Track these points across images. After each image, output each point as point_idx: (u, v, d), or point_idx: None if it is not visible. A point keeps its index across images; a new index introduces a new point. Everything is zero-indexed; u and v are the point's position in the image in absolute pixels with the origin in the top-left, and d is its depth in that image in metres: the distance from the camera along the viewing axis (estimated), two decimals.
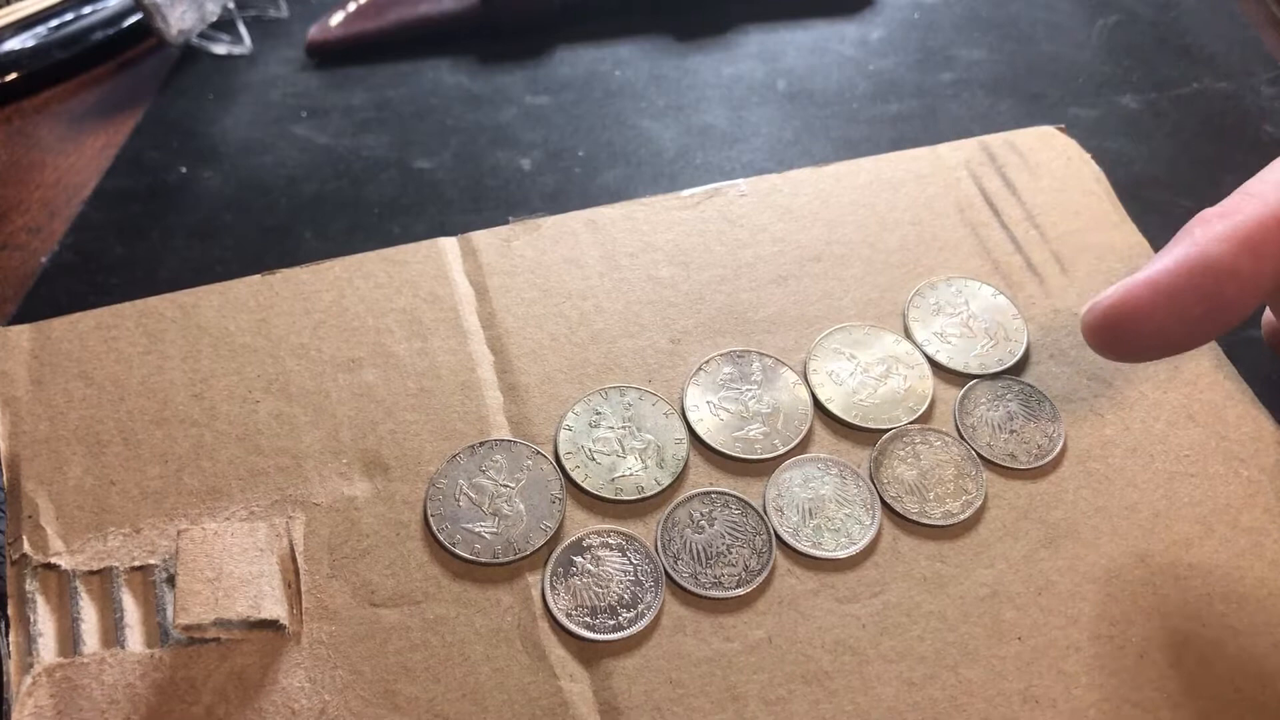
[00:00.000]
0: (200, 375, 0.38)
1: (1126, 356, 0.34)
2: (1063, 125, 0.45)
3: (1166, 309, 0.31)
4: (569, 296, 0.40)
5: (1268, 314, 0.40)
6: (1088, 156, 0.45)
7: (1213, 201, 0.33)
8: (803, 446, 0.37)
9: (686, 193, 0.44)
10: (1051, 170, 0.44)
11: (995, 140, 0.46)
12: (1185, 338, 0.32)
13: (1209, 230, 0.31)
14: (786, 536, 0.35)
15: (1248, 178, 0.34)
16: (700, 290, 0.41)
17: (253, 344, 0.39)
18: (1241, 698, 0.32)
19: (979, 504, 0.36)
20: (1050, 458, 0.37)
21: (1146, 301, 0.32)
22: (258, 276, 0.40)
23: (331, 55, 0.64)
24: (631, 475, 0.36)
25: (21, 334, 0.38)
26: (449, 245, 0.42)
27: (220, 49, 0.65)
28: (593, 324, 0.40)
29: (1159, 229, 0.42)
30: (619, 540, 0.35)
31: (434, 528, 0.35)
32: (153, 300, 0.40)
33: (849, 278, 0.41)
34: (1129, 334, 0.32)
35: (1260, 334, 0.44)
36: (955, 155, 0.45)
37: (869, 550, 0.35)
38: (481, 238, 0.42)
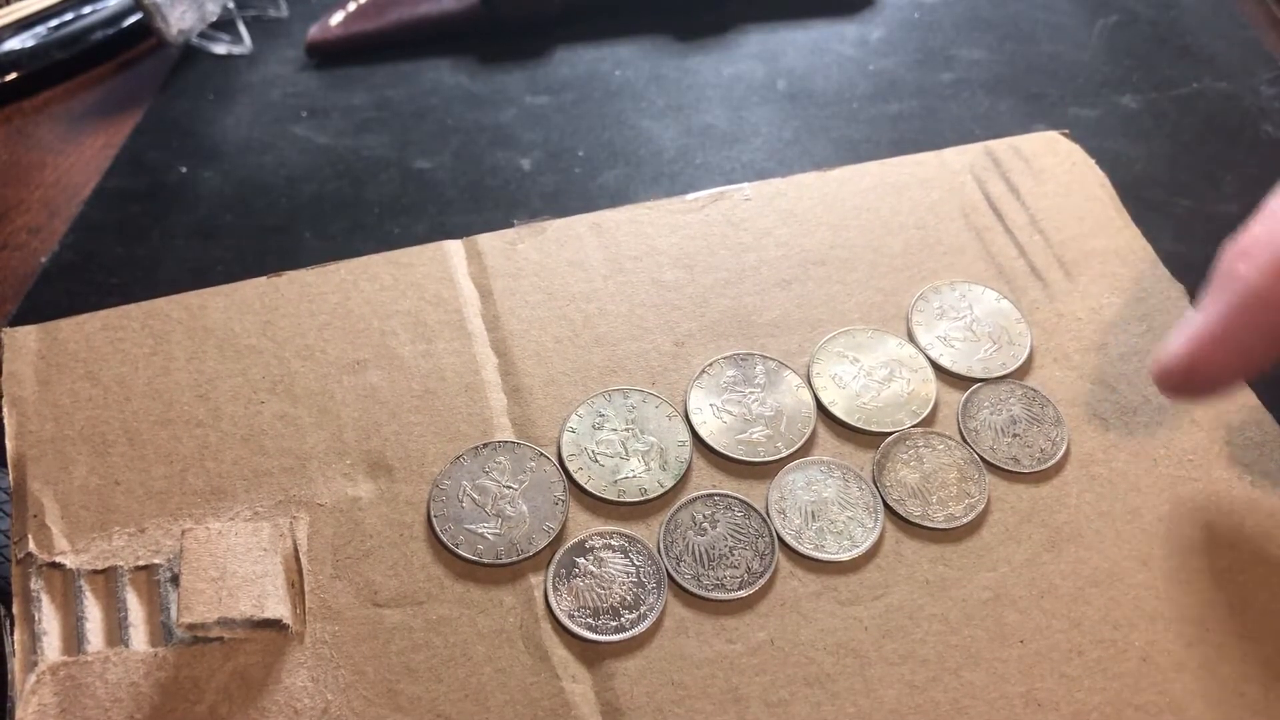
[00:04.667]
0: (206, 376, 0.38)
1: (1203, 399, 0.37)
2: (1067, 130, 0.45)
3: (1232, 354, 0.31)
4: (573, 299, 0.41)
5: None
6: (1092, 161, 0.45)
7: (1211, 201, 0.33)
8: (805, 449, 0.37)
9: (690, 196, 0.44)
10: (1056, 175, 0.44)
11: (999, 145, 0.46)
12: (1255, 369, 0.32)
13: (1252, 264, 0.31)
14: (789, 539, 0.35)
15: (1247, 178, 0.34)
16: (704, 293, 0.41)
17: (258, 345, 0.39)
18: (1245, 702, 0.32)
19: (981, 507, 0.36)
20: (1053, 461, 0.37)
21: (1212, 353, 0.32)
22: (263, 278, 0.40)
23: (331, 55, 0.64)
24: (634, 477, 0.36)
25: (29, 335, 0.38)
26: (454, 248, 0.42)
27: (220, 49, 0.65)
28: (596, 327, 0.40)
29: (1159, 229, 0.42)
30: (621, 542, 0.35)
31: (437, 529, 0.35)
32: (159, 302, 0.40)
33: (853, 281, 0.41)
34: (1202, 385, 0.33)
35: None
36: (959, 160, 0.45)
37: (871, 553, 0.35)
38: (486, 240, 0.42)
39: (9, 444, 0.36)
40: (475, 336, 0.39)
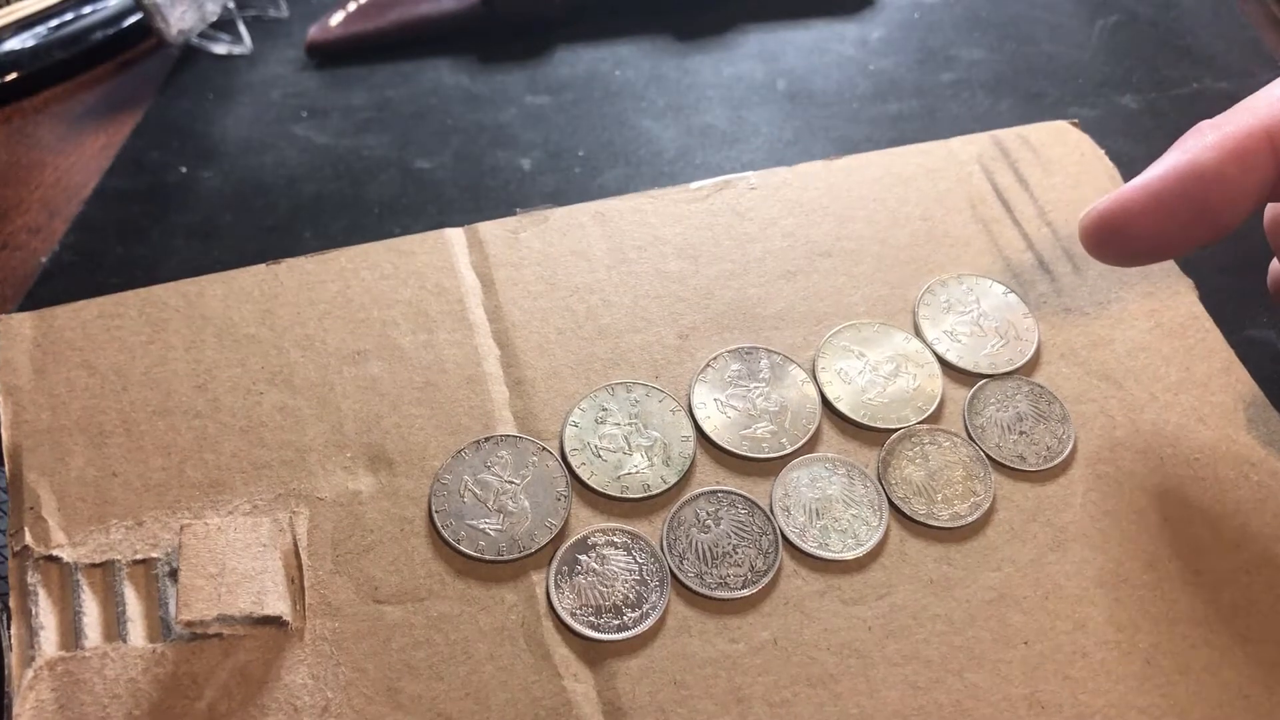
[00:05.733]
0: (204, 366, 0.38)
1: (1121, 258, 0.36)
2: (1076, 120, 0.45)
3: (1156, 212, 0.33)
4: (576, 290, 0.40)
5: (1274, 264, 0.40)
6: (1101, 153, 0.44)
7: None
8: (810, 446, 0.37)
9: (695, 185, 0.43)
10: (1065, 166, 0.44)
11: (1008, 135, 0.45)
12: (1176, 241, 0.34)
13: (1200, 139, 0.33)
14: (793, 537, 0.35)
15: None
16: (709, 285, 0.41)
17: (257, 334, 0.38)
18: (1250, 705, 0.32)
19: (987, 506, 0.35)
20: (1059, 460, 0.36)
21: (1138, 205, 0.33)
22: (263, 266, 0.40)
23: (331, 55, 0.64)
24: (637, 473, 0.36)
25: (24, 322, 0.38)
26: (455, 236, 0.41)
27: (220, 49, 0.64)
28: (600, 318, 0.40)
29: None
30: (624, 539, 0.35)
31: (438, 524, 0.35)
32: (156, 289, 0.39)
33: (859, 274, 0.41)
34: (1121, 235, 0.34)
35: (1260, 335, 0.44)
36: (967, 150, 0.45)
37: (876, 552, 0.35)
38: (488, 229, 0.42)
39: (4, 434, 0.36)
40: (477, 327, 0.39)
